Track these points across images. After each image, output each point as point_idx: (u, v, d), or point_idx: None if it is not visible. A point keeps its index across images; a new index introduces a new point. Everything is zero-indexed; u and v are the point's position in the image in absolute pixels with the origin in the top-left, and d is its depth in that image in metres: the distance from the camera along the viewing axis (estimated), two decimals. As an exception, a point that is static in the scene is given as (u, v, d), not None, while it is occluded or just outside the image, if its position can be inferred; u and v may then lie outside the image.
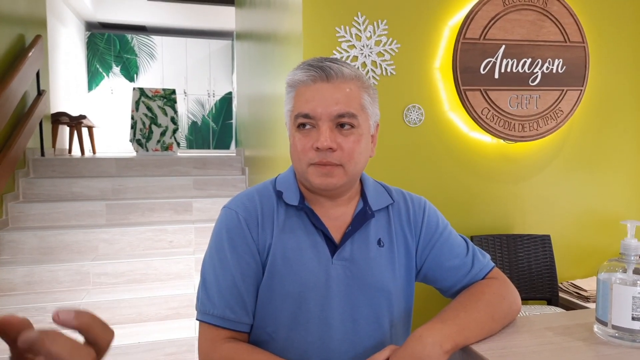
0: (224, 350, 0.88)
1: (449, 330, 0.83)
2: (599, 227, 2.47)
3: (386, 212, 0.99)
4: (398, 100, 2.16)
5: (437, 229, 1.00)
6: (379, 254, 0.95)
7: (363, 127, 0.90)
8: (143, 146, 5.16)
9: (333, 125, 0.88)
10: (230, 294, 0.90)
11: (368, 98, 0.92)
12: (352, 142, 0.88)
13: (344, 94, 0.88)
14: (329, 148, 0.86)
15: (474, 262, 0.98)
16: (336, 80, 0.88)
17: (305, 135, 0.89)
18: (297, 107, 0.90)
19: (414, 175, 2.18)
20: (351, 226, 0.94)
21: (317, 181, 0.89)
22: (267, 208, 0.95)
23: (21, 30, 3.89)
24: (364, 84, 0.92)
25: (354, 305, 0.92)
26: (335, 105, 0.87)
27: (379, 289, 0.93)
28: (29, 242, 3.02)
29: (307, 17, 2.05)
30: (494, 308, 0.90)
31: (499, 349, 0.83)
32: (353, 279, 0.92)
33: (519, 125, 2.24)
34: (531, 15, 2.20)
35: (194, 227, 3.31)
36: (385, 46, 2.12)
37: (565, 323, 0.94)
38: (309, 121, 0.88)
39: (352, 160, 0.89)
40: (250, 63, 4.20)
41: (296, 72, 0.91)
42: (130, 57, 7.51)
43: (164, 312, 2.72)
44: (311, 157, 0.88)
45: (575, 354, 0.81)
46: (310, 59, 0.92)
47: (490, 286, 0.94)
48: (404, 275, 0.97)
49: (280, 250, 0.92)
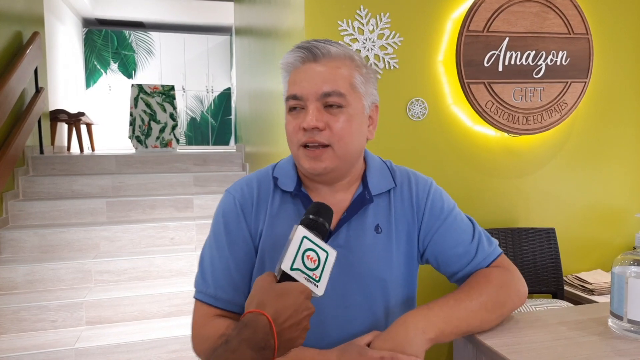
0: (213, 325, 0.90)
1: (435, 317, 0.82)
2: (603, 220, 2.46)
3: (387, 196, 0.96)
4: (401, 94, 2.14)
5: (442, 214, 0.97)
6: (376, 241, 0.92)
7: (354, 106, 0.88)
8: (142, 143, 5.13)
9: (321, 105, 0.86)
10: (223, 276, 0.92)
11: (360, 77, 0.89)
12: (342, 122, 0.86)
13: (331, 73, 0.86)
14: (315, 127, 0.85)
15: (477, 250, 0.96)
16: (323, 59, 0.87)
17: (295, 117, 0.88)
18: (289, 89, 0.89)
19: (417, 169, 2.14)
20: (347, 212, 0.92)
21: (307, 165, 0.88)
22: (263, 194, 0.95)
23: (19, 27, 3.85)
24: (354, 62, 0.90)
25: (347, 292, 0.91)
26: (322, 84, 0.85)
27: (374, 277, 0.92)
28: (29, 240, 3.00)
29: (309, 11, 2.02)
30: (488, 297, 0.88)
31: (513, 345, 0.82)
32: (347, 266, 0.90)
33: (523, 118, 2.22)
34: (535, 7, 2.18)
35: (195, 223, 3.29)
36: (388, 39, 2.09)
37: (578, 317, 0.93)
38: (298, 103, 0.87)
39: (341, 141, 0.87)
40: (250, 58, 4.17)
41: (287, 55, 0.90)
42: (128, 54, 7.46)
43: (166, 309, 2.71)
44: (299, 138, 0.87)
45: (591, 349, 0.80)
46: (301, 42, 0.91)
47: (488, 275, 0.92)
48: (404, 263, 0.95)
49: (270, 237, 0.92)
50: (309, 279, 0.72)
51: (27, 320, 2.49)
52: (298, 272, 0.71)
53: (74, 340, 2.40)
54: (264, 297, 0.68)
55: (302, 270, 0.71)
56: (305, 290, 0.70)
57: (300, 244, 0.72)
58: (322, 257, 0.74)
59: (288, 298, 0.68)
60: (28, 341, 2.39)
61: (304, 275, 0.71)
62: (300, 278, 0.71)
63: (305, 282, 0.71)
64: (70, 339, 2.40)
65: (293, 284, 0.70)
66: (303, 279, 0.71)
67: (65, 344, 2.35)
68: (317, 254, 0.73)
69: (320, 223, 0.77)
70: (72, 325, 2.56)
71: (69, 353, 2.30)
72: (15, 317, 2.48)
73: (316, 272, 0.73)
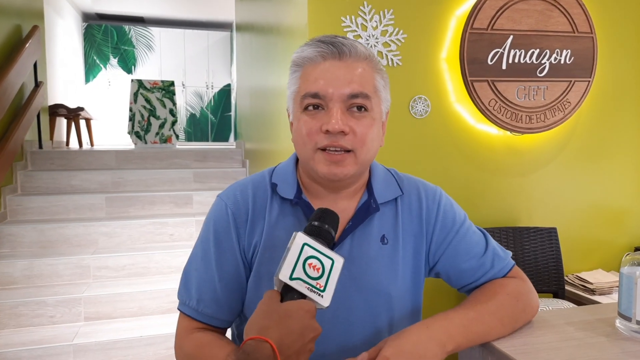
0: (193, 339, 0.86)
1: (455, 330, 0.78)
2: (605, 219, 2.45)
3: (394, 204, 0.91)
4: (404, 91, 2.12)
5: (454, 226, 0.92)
6: (381, 253, 0.87)
7: (376, 111, 0.83)
8: (142, 138, 5.11)
9: (345, 107, 0.80)
10: (207, 290, 0.87)
11: (381, 81, 0.85)
12: (366, 126, 0.81)
13: (357, 74, 0.80)
14: (341, 131, 0.78)
15: (494, 261, 0.91)
16: (349, 58, 0.80)
17: (313, 117, 0.81)
18: (305, 86, 0.81)
19: (419, 167, 2.15)
20: (352, 221, 0.86)
21: (324, 170, 0.81)
22: (259, 202, 0.88)
23: (18, 21, 3.83)
24: (377, 65, 0.85)
25: (350, 307, 0.85)
26: (349, 85, 0.79)
27: (378, 292, 0.86)
28: (28, 235, 2.98)
29: (312, 7, 2.01)
30: (505, 312, 0.84)
31: (521, 345, 0.81)
32: (350, 278, 0.84)
33: (526, 117, 2.21)
34: (539, 5, 2.17)
35: (195, 220, 3.28)
36: (392, 36, 2.08)
37: (586, 318, 0.92)
38: (318, 102, 0.80)
39: (364, 146, 0.81)
40: (251, 55, 4.15)
41: (305, 49, 0.83)
42: (127, 49, 7.43)
43: (165, 305, 2.70)
44: (318, 141, 0.80)
45: (599, 351, 0.79)
46: (320, 36, 0.84)
47: (506, 286, 0.88)
48: (410, 276, 0.90)
49: (269, 249, 0.85)
50: (312, 288, 0.67)
51: (25, 315, 2.48)
52: (299, 282, 0.66)
53: (72, 336, 2.38)
54: (266, 321, 0.63)
55: (304, 280, 0.66)
56: (311, 309, 0.65)
57: (300, 251, 0.67)
58: (326, 264, 0.68)
59: (293, 321, 0.62)
60: (26, 336, 2.37)
61: (306, 285, 0.66)
62: (302, 288, 0.66)
63: (308, 292, 0.66)
64: (68, 335, 2.39)
65: (297, 304, 0.65)
66: (305, 289, 0.66)
67: (64, 339, 2.34)
68: (320, 262, 0.68)
69: (325, 230, 0.71)
70: (71, 321, 2.54)
71: (67, 349, 2.29)
72: (13, 312, 2.46)
73: (320, 281, 0.67)
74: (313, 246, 0.69)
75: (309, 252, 0.68)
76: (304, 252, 0.68)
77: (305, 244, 0.68)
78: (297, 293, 0.67)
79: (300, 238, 0.69)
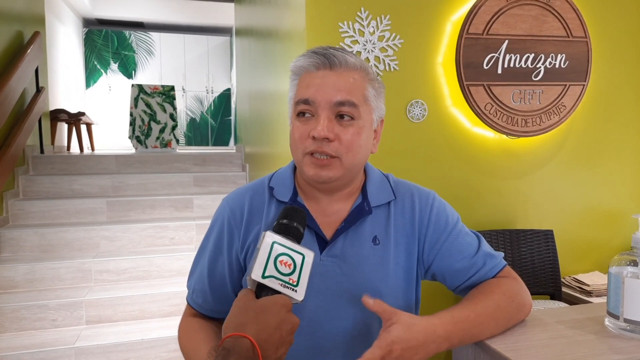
0: (185, 322, 0.99)
1: (456, 334, 0.80)
2: (601, 221, 2.47)
3: (386, 208, 0.94)
4: (401, 95, 2.15)
5: (446, 227, 0.95)
6: (373, 253, 0.91)
7: (365, 119, 0.88)
8: (142, 143, 5.14)
9: (332, 115, 0.85)
10: (199, 282, 0.98)
11: (372, 91, 0.89)
12: (351, 134, 0.86)
13: (346, 83, 0.85)
14: (326, 137, 0.83)
15: (485, 261, 0.94)
16: (339, 68, 0.86)
17: (304, 123, 0.87)
18: (299, 93, 0.88)
19: (416, 171, 2.18)
20: (344, 222, 0.91)
21: (311, 172, 0.86)
22: (256, 205, 0.94)
23: (19, 27, 3.86)
24: (369, 75, 0.89)
25: (342, 304, 0.89)
26: (337, 93, 0.84)
27: (369, 290, 0.87)
28: (29, 239, 3.01)
29: (310, 13, 2.04)
30: (501, 312, 0.86)
31: (512, 343, 0.83)
32: (342, 276, 0.89)
33: (522, 121, 2.24)
34: (534, 10, 2.20)
35: (195, 223, 3.30)
36: (389, 41, 2.11)
37: (575, 317, 0.94)
38: (309, 108, 0.86)
39: (349, 152, 0.86)
40: (250, 59, 4.19)
41: (300, 59, 0.89)
42: (128, 54, 7.47)
43: (166, 309, 2.72)
44: (307, 146, 0.86)
45: (588, 348, 0.81)
46: (315, 47, 0.90)
47: (500, 286, 0.90)
48: (402, 276, 0.93)
49: None
50: (286, 284, 0.69)
51: (27, 319, 2.50)
52: (272, 280, 0.68)
53: (73, 339, 2.40)
54: (243, 318, 0.65)
55: (276, 277, 0.68)
56: (287, 303, 0.67)
57: (270, 250, 0.69)
58: (297, 260, 0.71)
59: (269, 315, 0.64)
60: (28, 340, 2.39)
61: (279, 282, 0.68)
62: (276, 285, 0.68)
63: (281, 288, 0.68)
64: (70, 338, 2.41)
65: (272, 299, 0.67)
66: (279, 285, 0.68)
67: (65, 343, 2.36)
68: (291, 258, 0.70)
69: (293, 227, 0.74)
70: (72, 325, 2.56)
71: (69, 352, 2.31)
72: (15, 316, 2.48)
73: (292, 276, 0.69)
74: (282, 244, 0.71)
75: (279, 250, 0.70)
76: (274, 250, 0.70)
77: (275, 242, 0.71)
78: (271, 290, 0.69)
79: (269, 237, 0.71)
